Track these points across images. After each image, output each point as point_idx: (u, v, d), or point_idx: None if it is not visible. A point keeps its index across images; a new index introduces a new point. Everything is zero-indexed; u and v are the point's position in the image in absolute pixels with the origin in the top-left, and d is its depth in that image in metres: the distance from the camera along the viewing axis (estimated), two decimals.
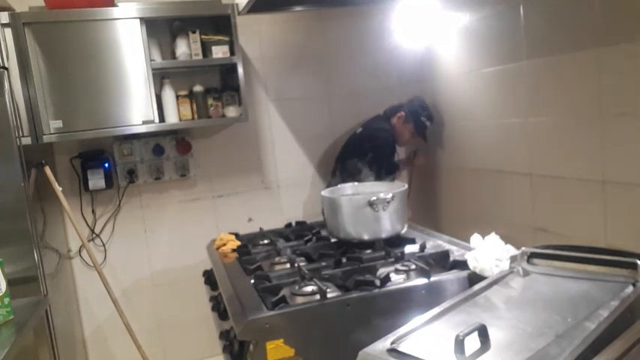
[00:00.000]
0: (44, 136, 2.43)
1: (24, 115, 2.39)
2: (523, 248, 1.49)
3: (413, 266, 1.79)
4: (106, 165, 2.80)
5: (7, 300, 1.68)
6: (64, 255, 2.81)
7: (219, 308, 2.00)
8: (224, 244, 2.35)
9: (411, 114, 2.90)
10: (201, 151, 3.03)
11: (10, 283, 1.71)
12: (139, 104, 2.55)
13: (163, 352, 3.06)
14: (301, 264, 1.91)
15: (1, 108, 2.05)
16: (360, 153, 2.83)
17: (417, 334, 1.15)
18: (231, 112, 2.79)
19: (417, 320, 1.19)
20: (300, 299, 1.63)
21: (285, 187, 3.21)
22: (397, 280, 1.72)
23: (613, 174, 1.86)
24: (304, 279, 1.75)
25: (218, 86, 2.93)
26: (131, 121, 2.54)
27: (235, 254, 2.24)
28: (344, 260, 1.95)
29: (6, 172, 2.07)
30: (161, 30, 2.78)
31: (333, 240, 2.23)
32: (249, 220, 3.13)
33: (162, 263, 3.04)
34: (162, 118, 2.67)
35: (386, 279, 1.68)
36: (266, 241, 2.37)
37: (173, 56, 2.76)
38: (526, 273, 1.43)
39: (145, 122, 2.57)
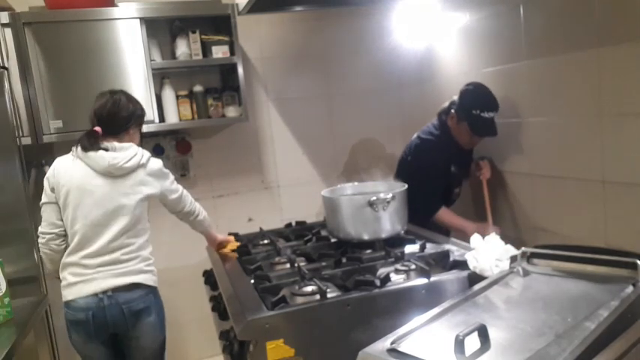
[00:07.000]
0: (44, 136, 2.43)
1: (24, 115, 2.39)
2: (523, 248, 1.49)
3: (413, 266, 1.79)
4: None
5: (7, 300, 1.68)
6: None
7: (219, 308, 2.00)
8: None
9: (461, 109, 2.39)
10: (201, 151, 3.03)
11: (10, 283, 1.71)
12: None
13: None
14: (301, 264, 1.91)
15: (1, 108, 2.05)
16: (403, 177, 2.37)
17: (417, 334, 1.15)
18: (231, 112, 2.79)
19: (417, 320, 1.19)
20: (300, 299, 1.63)
21: (285, 187, 3.21)
22: (397, 280, 1.71)
23: (613, 174, 1.86)
24: (304, 279, 1.75)
25: (218, 86, 2.94)
26: None
27: (235, 254, 2.24)
28: (344, 260, 1.95)
29: (6, 172, 2.07)
30: (161, 30, 2.78)
31: (333, 240, 2.22)
32: (249, 220, 3.13)
33: (162, 263, 3.01)
34: (162, 118, 2.68)
35: (386, 279, 1.68)
36: (266, 241, 2.37)
37: (173, 56, 2.76)
38: (526, 273, 1.42)
39: (144, 122, 2.56)
